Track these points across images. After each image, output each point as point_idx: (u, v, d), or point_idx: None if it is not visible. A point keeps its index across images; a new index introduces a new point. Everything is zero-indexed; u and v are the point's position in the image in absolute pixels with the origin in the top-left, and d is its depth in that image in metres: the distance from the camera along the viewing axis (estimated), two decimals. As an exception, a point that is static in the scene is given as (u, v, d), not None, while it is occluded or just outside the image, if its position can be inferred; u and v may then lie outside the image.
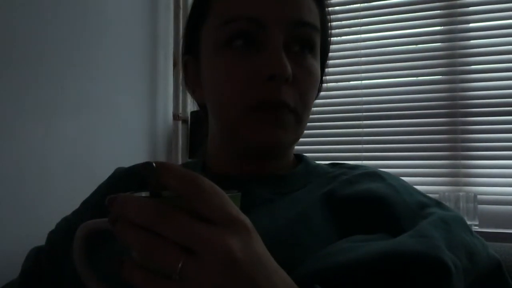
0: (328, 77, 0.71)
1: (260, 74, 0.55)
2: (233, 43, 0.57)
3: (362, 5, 1.73)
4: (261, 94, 0.56)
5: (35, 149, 1.21)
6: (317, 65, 0.61)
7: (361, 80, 1.73)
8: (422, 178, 1.60)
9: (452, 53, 1.60)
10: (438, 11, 1.63)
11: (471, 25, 1.60)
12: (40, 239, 0.69)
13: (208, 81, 0.62)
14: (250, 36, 0.57)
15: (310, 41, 0.59)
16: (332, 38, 0.68)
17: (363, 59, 1.72)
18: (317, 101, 0.71)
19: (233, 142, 0.61)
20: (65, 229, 0.66)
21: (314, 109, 0.72)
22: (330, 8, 0.66)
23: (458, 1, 1.61)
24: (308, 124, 0.63)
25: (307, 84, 0.59)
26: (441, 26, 1.64)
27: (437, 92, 1.62)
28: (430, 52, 1.63)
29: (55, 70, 1.28)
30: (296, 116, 0.58)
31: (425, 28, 1.65)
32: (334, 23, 0.68)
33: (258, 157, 0.61)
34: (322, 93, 0.71)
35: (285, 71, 0.54)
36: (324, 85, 0.70)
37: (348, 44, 1.74)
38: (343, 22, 1.74)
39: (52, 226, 0.69)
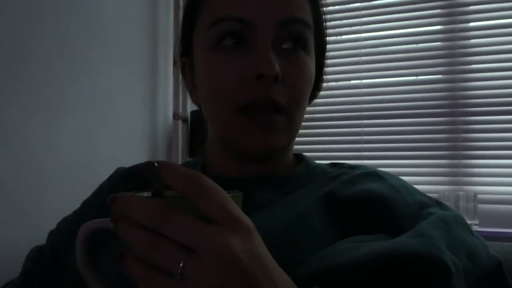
0: (328, 77, 0.70)
1: (248, 74, 0.55)
2: (223, 43, 0.57)
3: (362, 4, 1.73)
4: (250, 94, 0.55)
5: (35, 149, 1.21)
6: (310, 62, 0.60)
7: (361, 79, 1.73)
8: (422, 177, 1.60)
9: (452, 53, 1.60)
10: (438, 11, 1.64)
11: (471, 24, 1.60)
12: (40, 239, 0.69)
13: (200, 83, 0.62)
14: (239, 36, 0.57)
15: (301, 37, 0.59)
16: (332, 38, 0.67)
17: (363, 58, 1.72)
18: (317, 100, 0.71)
19: (227, 144, 0.62)
20: (66, 228, 0.66)
21: (314, 108, 0.72)
22: (330, 8, 0.66)
23: (458, 1, 1.61)
24: (308, 124, 0.63)
25: (299, 81, 0.58)
26: (441, 25, 1.64)
27: (437, 92, 1.62)
28: (430, 51, 1.63)
29: (55, 70, 1.28)
30: (287, 115, 0.58)
31: (425, 28, 1.65)
32: (334, 23, 0.67)
33: (254, 160, 0.61)
34: (322, 93, 0.71)
35: (272, 69, 0.54)
36: (325, 84, 0.70)
37: (348, 44, 1.74)
38: (343, 22, 1.74)
39: (52, 226, 0.69)
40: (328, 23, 0.67)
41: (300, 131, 0.63)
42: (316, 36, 0.62)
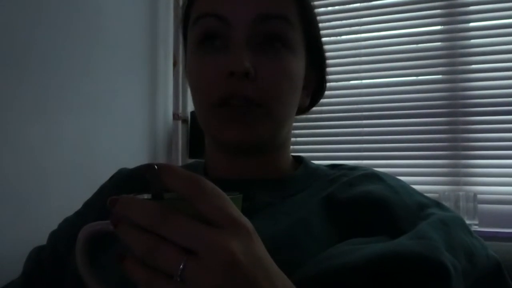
0: (328, 77, 0.70)
1: (222, 72, 0.56)
2: (205, 43, 0.59)
3: (361, 4, 1.72)
4: (222, 91, 0.57)
5: (35, 149, 1.21)
6: (292, 58, 0.60)
7: (361, 79, 1.73)
8: (422, 177, 1.60)
9: (452, 53, 1.60)
10: (438, 11, 1.64)
11: (471, 24, 1.60)
12: (40, 239, 0.70)
13: (188, 81, 0.65)
14: (218, 34, 0.58)
15: (280, 34, 0.58)
16: (332, 38, 0.67)
17: (363, 58, 1.71)
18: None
19: (215, 141, 0.63)
20: (67, 229, 0.66)
21: (314, 108, 0.72)
22: (330, 8, 0.66)
23: (458, 1, 1.61)
24: (308, 124, 0.63)
25: (274, 76, 0.58)
26: (441, 25, 1.64)
27: (437, 92, 1.62)
28: (430, 51, 1.63)
29: (55, 70, 1.28)
30: (265, 110, 0.57)
31: (425, 28, 1.65)
32: (334, 23, 0.67)
33: (239, 154, 0.61)
34: (321, 93, 0.71)
35: (241, 66, 0.55)
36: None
37: (348, 44, 1.74)
38: (343, 22, 1.73)
39: (52, 227, 0.69)
40: (328, 23, 0.67)
41: (300, 131, 0.64)
42: (305, 33, 0.62)
